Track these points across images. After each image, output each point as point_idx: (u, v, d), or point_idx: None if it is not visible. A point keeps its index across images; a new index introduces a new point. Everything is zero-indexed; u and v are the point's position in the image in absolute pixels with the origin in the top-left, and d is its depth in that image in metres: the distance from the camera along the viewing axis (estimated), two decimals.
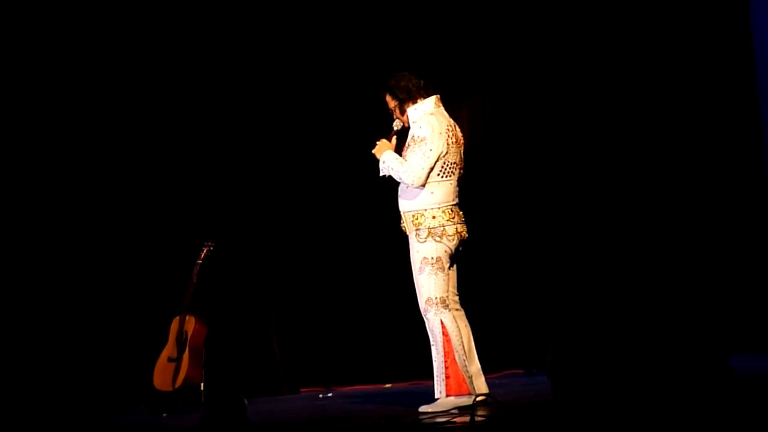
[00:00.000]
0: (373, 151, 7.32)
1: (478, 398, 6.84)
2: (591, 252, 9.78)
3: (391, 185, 7.27)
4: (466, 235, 7.23)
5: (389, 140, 7.32)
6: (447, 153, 7.11)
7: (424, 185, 7.11)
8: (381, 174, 7.27)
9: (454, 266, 7.26)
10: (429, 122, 7.15)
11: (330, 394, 9.61)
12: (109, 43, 10.19)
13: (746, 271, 9.51)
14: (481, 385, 7.13)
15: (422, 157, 7.08)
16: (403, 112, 7.28)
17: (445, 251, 7.09)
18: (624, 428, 5.34)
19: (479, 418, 6.19)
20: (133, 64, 10.23)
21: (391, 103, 7.32)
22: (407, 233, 7.19)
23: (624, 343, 6.19)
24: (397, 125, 7.33)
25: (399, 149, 7.25)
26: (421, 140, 7.10)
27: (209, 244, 9.49)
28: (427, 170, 7.09)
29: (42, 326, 9.87)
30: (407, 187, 7.15)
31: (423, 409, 7.01)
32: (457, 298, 7.28)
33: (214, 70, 10.33)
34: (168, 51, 10.28)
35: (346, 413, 7.88)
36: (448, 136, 7.15)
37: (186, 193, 10.26)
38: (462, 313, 7.27)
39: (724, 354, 6.28)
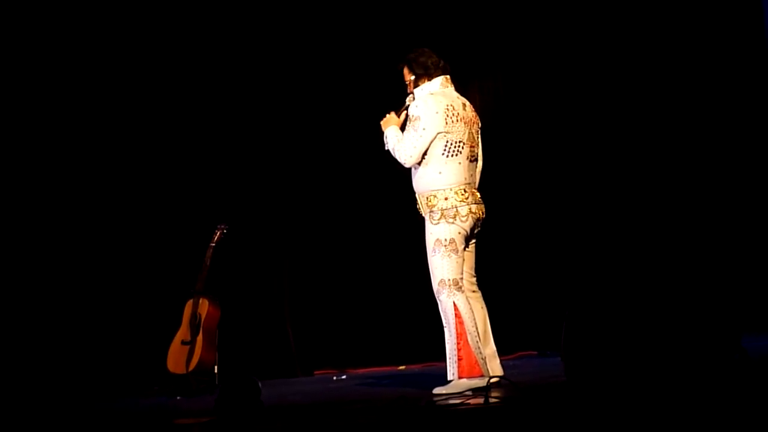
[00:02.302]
0: (380, 122, 7.32)
1: (492, 380, 6.84)
2: (604, 233, 9.76)
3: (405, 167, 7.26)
4: (483, 215, 7.22)
5: (398, 115, 7.32)
6: (449, 132, 7.09)
7: (419, 164, 7.10)
8: (386, 148, 7.28)
9: (471, 247, 7.25)
10: (426, 102, 7.13)
11: (344, 377, 9.62)
12: (133, 34, 10.22)
13: (760, 250, 9.49)
14: (495, 368, 7.12)
15: (415, 136, 7.07)
16: (417, 87, 7.27)
17: (459, 233, 7.08)
18: (637, 409, 5.34)
19: (493, 400, 6.19)
20: (149, 52, 10.26)
21: (408, 76, 7.30)
22: (423, 215, 7.19)
23: (637, 324, 6.19)
24: (410, 100, 7.32)
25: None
26: (416, 119, 7.09)
27: (222, 226, 9.50)
28: (419, 149, 7.07)
29: (57, 310, 9.91)
30: (416, 166, 7.14)
31: (437, 391, 7.01)
32: (474, 279, 7.27)
33: (226, 55, 10.32)
34: (182, 37, 10.28)
35: (359, 395, 7.89)
36: (447, 115, 7.11)
37: (199, 176, 10.27)
38: (479, 294, 7.26)
39: (738, 334, 6.28)
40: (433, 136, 7.06)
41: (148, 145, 10.24)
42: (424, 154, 7.10)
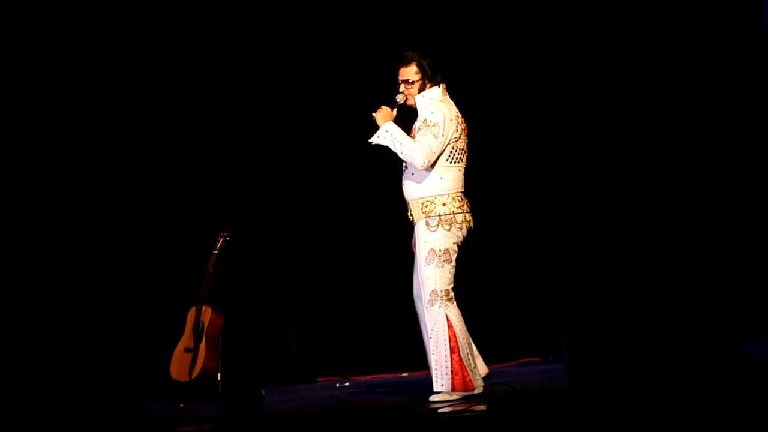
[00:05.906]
0: (374, 114, 7.28)
1: (495, 388, 6.84)
2: (607, 239, 9.76)
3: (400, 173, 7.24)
4: (472, 225, 7.22)
5: (392, 109, 7.29)
6: (458, 139, 7.13)
7: (432, 167, 7.09)
8: (374, 141, 7.23)
9: None
10: (440, 108, 7.16)
11: (347, 384, 9.61)
12: (137, 38, 10.23)
13: (763, 256, 9.48)
14: (480, 366, 7.15)
15: (434, 141, 7.07)
16: (421, 89, 7.25)
17: (454, 242, 7.08)
18: (640, 416, 5.34)
19: (496, 407, 6.19)
20: (155, 58, 10.24)
21: (414, 76, 7.27)
22: (415, 222, 7.16)
23: (640, 331, 6.19)
24: (400, 99, 7.31)
25: (396, 123, 7.24)
26: (434, 125, 7.09)
27: (225, 234, 9.50)
28: (437, 154, 7.09)
29: (60, 316, 9.92)
30: (413, 171, 7.12)
31: (434, 398, 7.02)
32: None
33: (232, 62, 10.31)
34: (187, 42, 10.27)
35: (362, 402, 7.89)
36: (457, 122, 7.17)
37: (202, 183, 10.27)
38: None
39: (740, 340, 6.28)
40: (447, 141, 7.09)
41: (151, 152, 10.24)
42: None
